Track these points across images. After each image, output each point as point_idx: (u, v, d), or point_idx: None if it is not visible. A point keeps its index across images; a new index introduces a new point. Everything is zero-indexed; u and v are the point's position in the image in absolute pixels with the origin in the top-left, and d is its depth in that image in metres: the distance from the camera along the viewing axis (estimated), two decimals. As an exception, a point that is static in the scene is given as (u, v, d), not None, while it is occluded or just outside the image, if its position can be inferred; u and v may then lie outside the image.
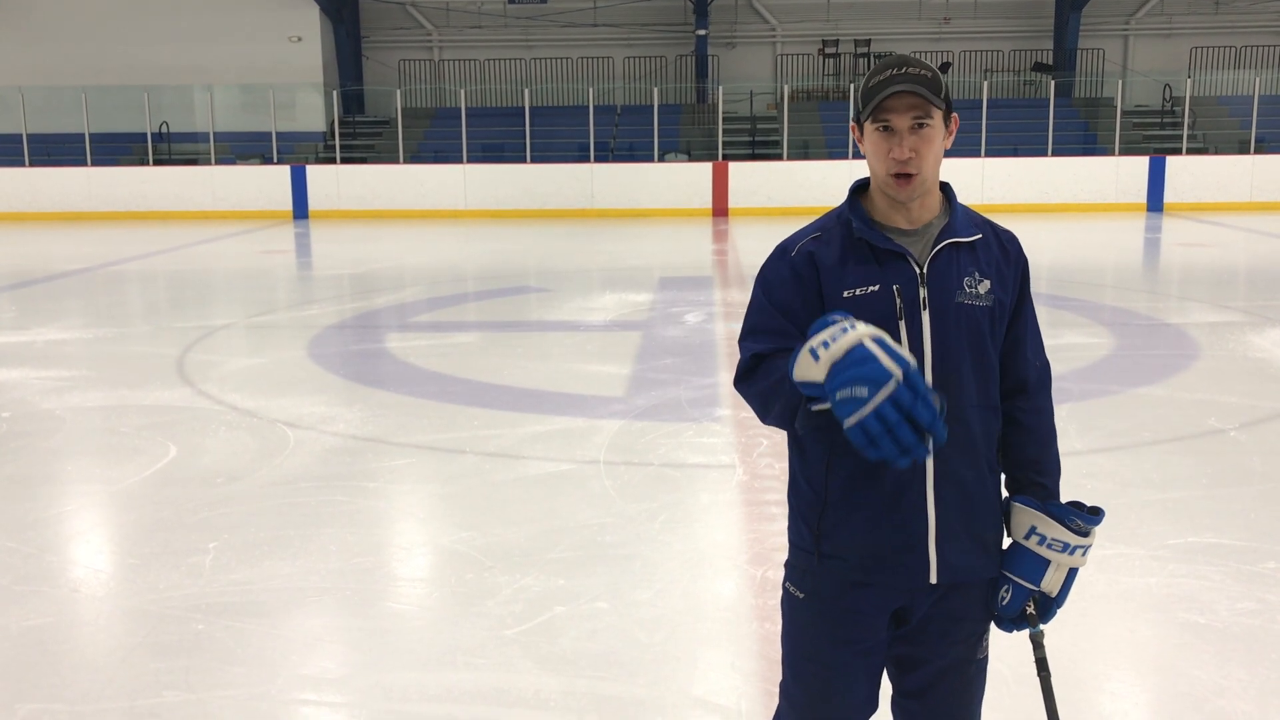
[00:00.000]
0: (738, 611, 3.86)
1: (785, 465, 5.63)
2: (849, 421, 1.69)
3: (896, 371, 1.68)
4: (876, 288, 1.96)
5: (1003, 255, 2.04)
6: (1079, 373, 7.40)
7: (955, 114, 1.99)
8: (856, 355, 1.70)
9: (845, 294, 1.97)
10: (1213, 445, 5.82)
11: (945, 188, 2.06)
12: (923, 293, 1.96)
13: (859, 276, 1.97)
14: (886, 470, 1.92)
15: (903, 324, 1.95)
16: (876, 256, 1.98)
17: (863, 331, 1.73)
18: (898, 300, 1.95)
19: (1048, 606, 2.04)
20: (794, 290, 2.01)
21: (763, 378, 1.97)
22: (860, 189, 2.06)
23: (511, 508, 4.94)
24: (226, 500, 5.07)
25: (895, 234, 1.99)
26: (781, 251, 2.05)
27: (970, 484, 1.98)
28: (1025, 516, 2.02)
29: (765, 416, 2.00)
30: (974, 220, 2.05)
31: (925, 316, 1.95)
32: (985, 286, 1.99)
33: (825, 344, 1.73)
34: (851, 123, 2.05)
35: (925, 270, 1.97)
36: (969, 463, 1.98)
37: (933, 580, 1.98)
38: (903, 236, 1.99)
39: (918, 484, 1.96)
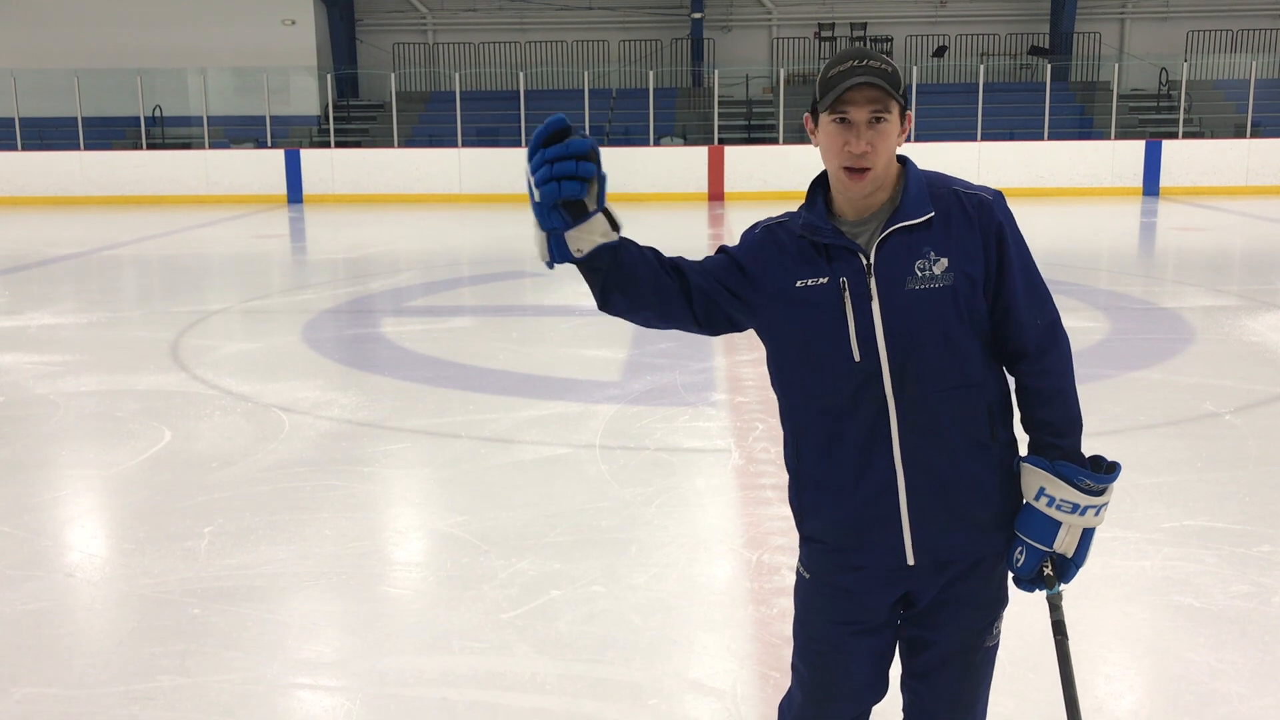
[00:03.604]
0: (733, 595, 3.86)
1: (781, 450, 5.63)
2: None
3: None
4: (825, 280, 1.96)
5: (967, 226, 1.94)
6: (1074, 357, 7.40)
7: (910, 111, 1.96)
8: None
9: (798, 284, 1.97)
10: (1208, 429, 5.83)
11: (903, 163, 2.00)
12: (871, 284, 1.93)
13: (809, 268, 1.97)
14: (847, 447, 1.96)
15: (850, 317, 1.93)
16: (826, 251, 1.97)
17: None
18: (845, 294, 1.94)
19: (1065, 567, 2.00)
20: (737, 255, 2.05)
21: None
22: (822, 182, 2.03)
23: (507, 492, 4.94)
24: (221, 485, 5.06)
25: (845, 225, 1.98)
26: (752, 226, 2.09)
27: (942, 469, 1.95)
28: (1034, 478, 1.98)
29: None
30: (934, 193, 1.97)
31: (875, 308, 1.93)
32: (942, 265, 1.92)
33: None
34: (806, 114, 2.00)
35: (872, 261, 1.94)
36: (938, 449, 1.95)
37: (909, 562, 1.98)
38: (851, 227, 1.97)
39: (883, 464, 1.95)
